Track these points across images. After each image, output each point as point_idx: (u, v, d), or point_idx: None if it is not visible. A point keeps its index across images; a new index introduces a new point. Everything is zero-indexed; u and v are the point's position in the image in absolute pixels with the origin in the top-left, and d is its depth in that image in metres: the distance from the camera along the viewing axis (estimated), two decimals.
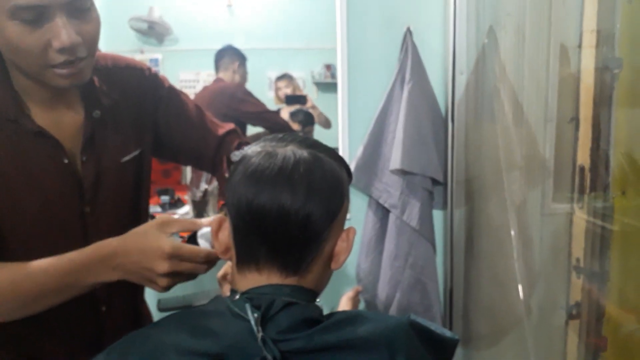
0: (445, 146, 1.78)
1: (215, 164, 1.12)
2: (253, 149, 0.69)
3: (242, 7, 2.98)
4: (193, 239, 0.84)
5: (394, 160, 1.71)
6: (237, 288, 0.69)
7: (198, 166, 1.25)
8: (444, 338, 0.70)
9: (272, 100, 3.07)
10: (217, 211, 2.00)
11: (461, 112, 1.73)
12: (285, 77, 3.10)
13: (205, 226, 0.84)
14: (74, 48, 0.79)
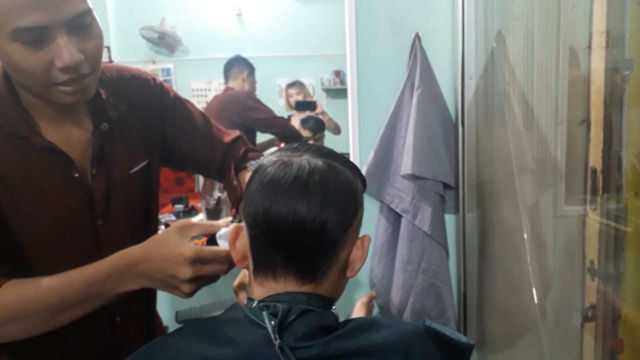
0: (456, 150, 1.78)
1: (222, 172, 1.12)
2: (269, 159, 0.70)
3: (252, 16, 3.01)
4: (212, 241, 0.85)
5: (405, 165, 1.71)
6: (254, 296, 0.70)
7: (205, 174, 1.25)
8: (460, 343, 0.71)
9: (283, 107, 3.09)
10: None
11: (471, 116, 1.73)
12: (296, 84, 3.11)
13: (223, 227, 0.85)
14: (77, 66, 0.79)
